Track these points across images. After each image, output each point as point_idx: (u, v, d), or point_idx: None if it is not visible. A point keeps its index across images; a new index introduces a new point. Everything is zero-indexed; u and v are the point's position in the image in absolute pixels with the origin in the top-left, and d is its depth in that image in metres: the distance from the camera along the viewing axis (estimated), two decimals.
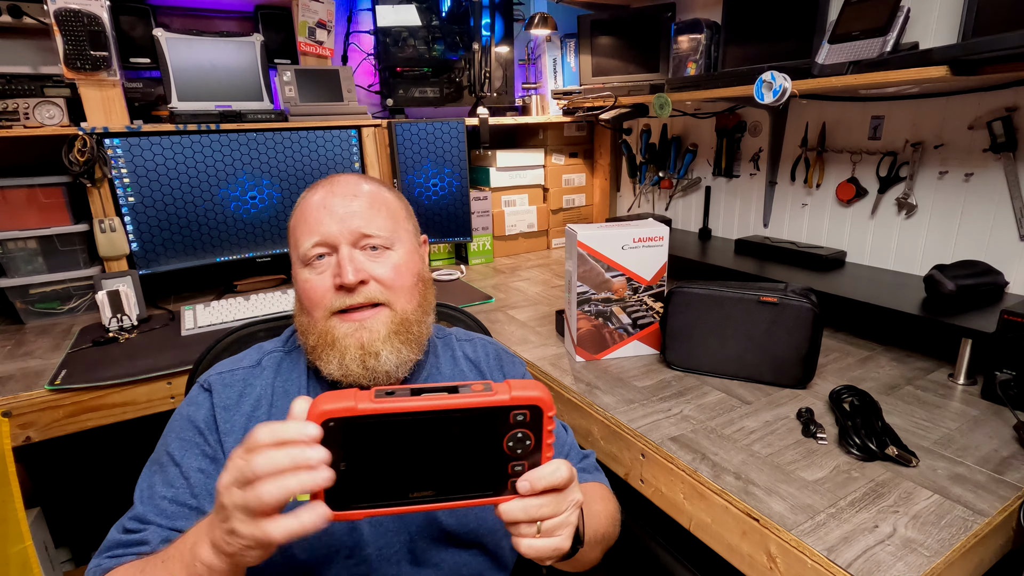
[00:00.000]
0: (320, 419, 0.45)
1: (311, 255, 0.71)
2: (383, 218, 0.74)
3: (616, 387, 1.10)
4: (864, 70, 1.14)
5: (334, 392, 0.46)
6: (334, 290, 0.70)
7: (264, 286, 1.78)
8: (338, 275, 0.69)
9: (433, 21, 1.90)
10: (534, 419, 0.49)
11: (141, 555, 0.62)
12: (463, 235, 1.96)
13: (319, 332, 0.71)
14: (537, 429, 0.49)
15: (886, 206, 1.44)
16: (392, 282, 0.72)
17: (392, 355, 0.70)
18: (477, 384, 0.49)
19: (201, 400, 0.71)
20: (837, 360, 1.19)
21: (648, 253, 1.17)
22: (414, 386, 0.48)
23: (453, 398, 0.47)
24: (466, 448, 0.49)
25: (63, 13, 1.35)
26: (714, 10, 1.70)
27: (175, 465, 0.68)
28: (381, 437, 0.47)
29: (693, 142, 1.96)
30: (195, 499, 0.66)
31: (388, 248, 0.73)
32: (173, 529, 0.64)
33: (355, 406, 0.45)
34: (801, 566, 0.69)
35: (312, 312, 0.71)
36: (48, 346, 1.34)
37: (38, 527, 1.38)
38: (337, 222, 0.71)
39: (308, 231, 0.71)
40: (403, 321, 0.72)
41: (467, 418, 0.47)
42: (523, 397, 0.48)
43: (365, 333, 0.70)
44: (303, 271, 0.72)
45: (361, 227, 0.72)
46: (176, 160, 1.55)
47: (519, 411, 0.48)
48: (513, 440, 0.49)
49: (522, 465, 0.50)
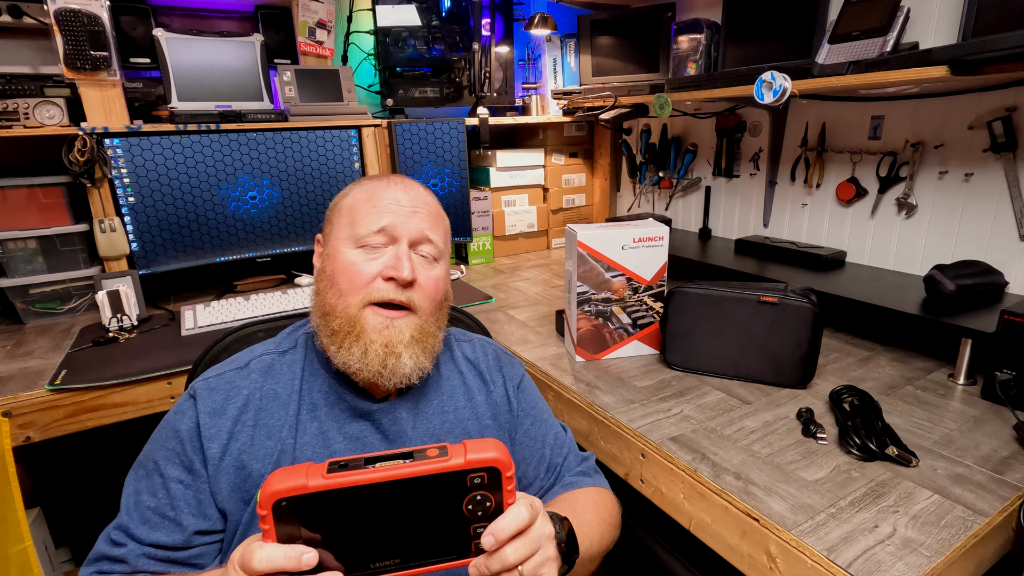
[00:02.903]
0: (271, 500, 0.45)
1: (370, 239, 0.71)
2: (442, 231, 0.77)
3: (616, 387, 1.10)
4: (864, 70, 1.14)
5: (285, 469, 0.47)
6: (381, 280, 0.70)
7: (264, 286, 1.78)
8: (394, 267, 0.70)
9: (433, 21, 1.89)
10: (492, 480, 0.49)
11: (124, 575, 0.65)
12: (463, 235, 1.96)
13: (348, 318, 0.70)
14: (496, 490, 0.49)
15: (886, 206, 1.44)
16: (431, 293, 0.73)
17: (411, 360, 0.71)
18: (432, 449, 0.49)
19: (186, 408, 0.71)
20: (837, 360, 1.19)
21: (648, 253, 1.17)
22: (368, 455, 0.48)
23: (407, 467, 0.47)
24: (426, 514, 0.48)
25: (63, 13, 1.35)
26: (714, 10, 1.70)
27: (159, 475, 0.68)
28: (337, 510, 0.47)
29: (693, 142, 1.96)
30: (173, 511, 0.67)
31: (437, 261, 0.75)
32: (151, 544, 0.66)
33: (306, 483, 0.45)
34: (801, 566, 0.69)
35: (347, 295, 0.70)
36: (48, 346, 1.34)
37: (38, 527, 1.38)
38: (405, 217, 0.72)
39: (375, 213, 0.71)
40: (424, 331, 0.73)
41: (423, 485, 0.47)
42: (478, 460, 0.48)
43: (394, 332, 0.70)
44: (351, 251, 0.71)
45: (426, 231, 0.73)
46: (176, 160, 1.55)
47: (475, 474, 0.48)
48: (472, 503, 0.49)
49: (484, 527, 0.50)
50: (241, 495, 0.68)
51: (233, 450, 0.69)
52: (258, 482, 0.68)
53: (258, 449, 0.69)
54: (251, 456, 0.69)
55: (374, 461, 0.47)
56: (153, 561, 0.66)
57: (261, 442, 0.70)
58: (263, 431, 0.70)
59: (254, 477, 0.68)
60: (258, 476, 0.68)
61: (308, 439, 0.71)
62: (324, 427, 0.72)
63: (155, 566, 0.66)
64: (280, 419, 0.71)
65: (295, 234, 1.78)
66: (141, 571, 0.65)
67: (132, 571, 0.65)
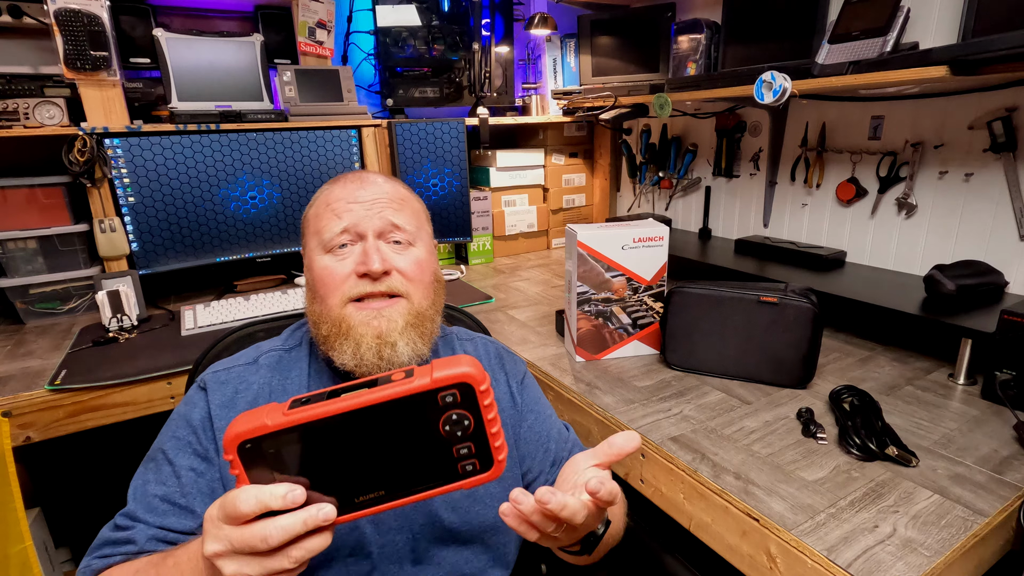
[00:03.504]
0: (234, 443, 0.43)
1: (336, 242, 0.71)
2: (409, 214, 0.76)
3: (616, 387, 1.10)
4: (864, 70, 1.14)
5: (247, 413, 0.44)
6: (355, 277, 0.70)
7: (264, 286, 1.78)
8: (363, 263, 0.70)
9: (433, 21, 1.90)
10: (466, 398, 0.44)
11: (128, 555, 0.62)
12: (463, 235, 1.96)
13: (333, 320, 0.70)
14: (473, 407, 0.45)
15: (886, 206, 1.44)
16: (413, 275, 0.73)
17: (408, 346, 0.70)
18: (398, 372, 0.45)
19: (197, 399, 0.71)
20: (837, 360, 1.19)
21: (648, 253, 1.17)
22: (332, 388, 0.45)
23: (370, 393, 0.44)
24: (401, 441, 0.45)
25: (63, 13, 1.35)
26: (714, 10, 1.70)
27: (168, 464, 0.68)
28: (307, 447, 0.44)
29: (693, 142, 1.96)
30: (185, 498, 0.66)
31: (411, 244, 0.75)
32: (160, 527, 0.64)
33: (265, 423, 0.43)
34: (801, 566, 0.69)
35: (327, 299, 0.71)
36: (48, 346, 1.34)
37: (38, 527, 1.38)
38: (366, 211, 0.72)
39: (334, 217, 0.71)
40: (419, 314, 0.73)
41: (391, 411, 0.44)
42: (446, 377, 0.44)
43: (384, 322, 0.70)
44: (323, 258, 0.72)
45: (390, 218, 0.73)
46: (176, 160, 1.55)
47: (446, 392, 0.44)
48: (449, 423, 0.45)
49: (468, 447, 0.46)
50: None
51: None
52: None
53: None
54: None
55: (338, 393, 0.44)
56: (163, 544, 0.63)
57: None
58: None
59: None
60: None
61: None
62: None
63: (165, 548, 0.63)
64: None
65: (295, 234, 1.78)
66: (148, 551, 0.62)
67: (139, 551, 0.62)
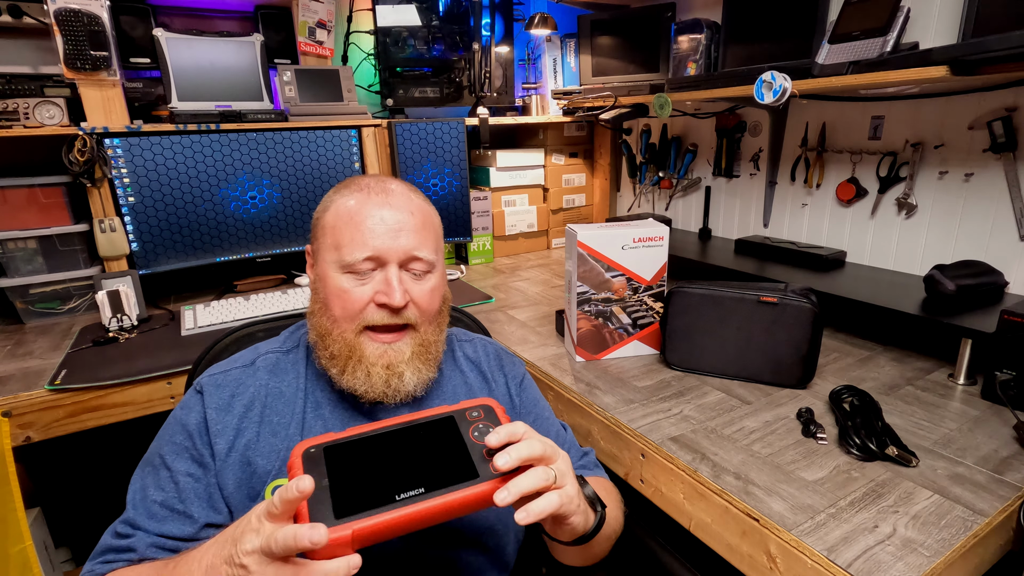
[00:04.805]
0: (300, 449, 0.55)
1: (359, 268, 0.70)
2: (432, 240, 0.75)
3: (616, 387, 1.10)
4: (864, 70, 1.14)
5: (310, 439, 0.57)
6: (374, 305, 0.70)
7: (264, 286, 1.78)
8: (385, 293, 0.70)
9: (433, 21, 1.89)
10: (488, 414, 0.61)
11: (131, 562, 0.64)
12: (463, 235, 1.96)
13: (345, 343, 0.71)
14: (494, 420, 0.60)
15: (886, 206, 1.44)
16: (427, 307, 0.73)
17: (414, 376, 0.72)
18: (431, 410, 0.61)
19: (193, 403, 0.72)
20: (837, 360, 1.19)
21: (648, 253, 1.17)
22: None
23: (410, 415, 0.60)
24: (438, 448, 0.57)
25: (63, 13, 1.35)
26: (714, 10, 1.70)
27: (166, 469, 0.68)
28: (357, 455, 0.56)
29: (693, 142, 1.96)
30: (182, 504, 0.67)
31: (429, 272, 0.74)
32: (160, 535, 0.65)
33: (327, 437, 0.57)
34: (801, 566, 0.69)
35: (342, 322, 0.71)
36: (48, 346, 1.34)
37: (38, 527, 1.38)
38: (391, 239, 0.70)
39: (360, 240, 0.70)
40: (424, 343, 0.74)
41: (429, 426, 0.59)
42: (471, 402, 0.62)
43: (393, 354, 0.71)
44: (341, 277, 0.71)
45: (413, 249, 0.72)
46: (176, 160, 1.55)
47: (473, 410, 0.61)
48: (477, 431, 0.59)
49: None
50: (247, 491, 0.69)
51: (239, 446, 0.69)
52: (264, 478, 0.69)
53: (264, 446, 0.70)
54: (257, 452, 0.70)
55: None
56: (163, 551, 0.65)
57: (267, 439, 0.71)
58: (268, 428, 0.71)
59: (259, 474, 0.69)
60: (264, 472, 0.69)
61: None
62: (329, 426, 0.73)
63: (165, 555, 0.65)
64: (287, 417, 0.72)
65: (295, 234, 1.78)
66: (149, 559, 0.64)
67: (140, 559, 0.64)
